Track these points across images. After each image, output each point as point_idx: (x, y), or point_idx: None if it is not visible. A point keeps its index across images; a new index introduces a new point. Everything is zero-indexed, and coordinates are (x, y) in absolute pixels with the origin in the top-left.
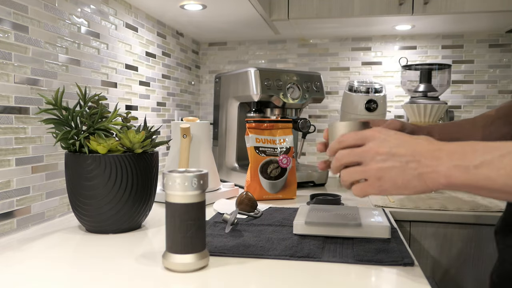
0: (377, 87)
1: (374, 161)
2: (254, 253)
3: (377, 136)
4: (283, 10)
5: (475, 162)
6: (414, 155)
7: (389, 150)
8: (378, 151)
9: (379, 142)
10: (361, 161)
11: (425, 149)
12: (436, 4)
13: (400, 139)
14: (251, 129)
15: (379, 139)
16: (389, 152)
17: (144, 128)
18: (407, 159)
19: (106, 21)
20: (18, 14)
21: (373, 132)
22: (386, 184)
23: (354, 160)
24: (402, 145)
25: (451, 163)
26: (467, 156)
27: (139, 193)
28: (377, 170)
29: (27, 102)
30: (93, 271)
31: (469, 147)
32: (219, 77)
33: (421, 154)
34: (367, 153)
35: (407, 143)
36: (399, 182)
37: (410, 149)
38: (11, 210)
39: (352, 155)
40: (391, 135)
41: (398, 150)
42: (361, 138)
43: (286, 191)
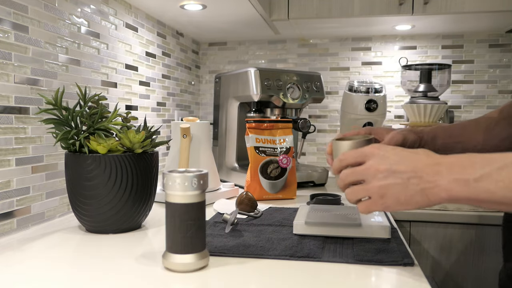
0: (377, 87)
1: (375, 179)
2: (254, 253)
3: (376, 153)
4: (283, 10)
5: (475, 175)
6: (415, 170)
7: (389, 167)
8: (379, 168)
9: (378, 159)
10: (363, 179)
11: (424, 164)
12: (436, 4)
13: (399, 155)
14: (251, 129)
15: (379, 156)
16: (390, 169)
17: (144, 128)
18: (408, 175)
19: (106, 21)
20: (18, 14)
21: (372, 149)
22: (389, 200)
23: (357, 179)
24: (402, 161)
25: (451, 176)
26: (466, 169)
27: (139, 193)
28: (379, 187)
29: (27, 102)
30: (93, 271)
31: (468, 160)
32: (219, 77)
33: (422, 169)
34: (368, 171)
35: (406, 159)
36: (402, 199)
37: (410, 165)
38: (11, 210)
39: (354, 174)
40: (389, 151)
41: (398, 167)
42: (360, 156)
43: (286, 191)
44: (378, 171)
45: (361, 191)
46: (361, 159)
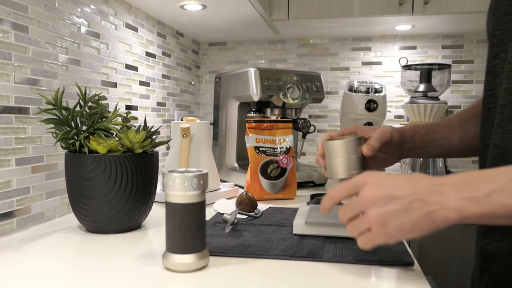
0: (377, 87)
1: (374, 208)
2: (254, 253)
3: (369, 181)
4: (283, 10)
5: (484, 191)
6: (416, 194)
7: (387, 193)
8: (376, 196)
9: (373, 186)
10: (361, 210)
11: (425, 186)
12: (436, 4)
13: (396, 180)
14: (251, 129)
15: (373, 184)
16: (388, 196)
17: (144, 128)
18: (409, 199)
19: (106, 21)
20: (18, 14)
21: (364, 178)
22: (392, 229)
23: (356, 212)
24: (400, 186)
25: (458, 195)
26: (472, 187)
27: (139, 193)
28: (378, 216)
29: (27, 102)
30: (93, 271)
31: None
32: (219, 77)
33: (423, 192)
34: (364, 201)
35: (404, 183)
36: (405, 226)
37: (410, 189)
38: (11, 210)
39: (351, 208)
40: (384, 178)
41: (397, 191)
42: (353, 187)
43: (286, 191)
44: (375, 199)
45: (360, 223)
46: (353, 190)
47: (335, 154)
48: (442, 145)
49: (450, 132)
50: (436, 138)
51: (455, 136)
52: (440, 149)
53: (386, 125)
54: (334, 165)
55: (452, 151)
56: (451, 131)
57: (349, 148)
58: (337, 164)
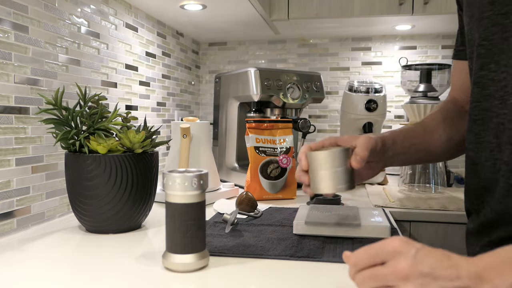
0: (377, 87)
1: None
2: (254, 253)
3: (404, 250)
4: (283, 10)
5: None
6: (461, 277)
7: (429, 272)
8: (415, 271)
9: (411, 259)
10: (390, 285)
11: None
12: (436, 4)
13: (436, 256)
14: (251, 129)
15: (410, 256)
16: (430, 274)
17: (144, 128)
18: (454, 284)
19: (106, 21)
20: (18, 14)
21: (395, 245)
22: None
23: (382, 285)
24: (442, 264)
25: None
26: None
27: (139, 193)
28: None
29: (27, 102)
30: (93, 271)
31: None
32: (219, 77)
33: (467, 276)
34: (397, 275)
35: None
36: None
37: (454, 270)
38: (11, 210)
39: (376, 280)
40: (421, 250)
41: (441, 271)
42: (380, 254)
43: (286, 191)
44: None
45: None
46: (380, 258)
47: (320, 166)
48: (420, 150)
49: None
50: (413, 143)
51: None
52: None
53: (385, 125)
54: (319, 179)
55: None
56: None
57: (336, 159)
58: (322, 178)
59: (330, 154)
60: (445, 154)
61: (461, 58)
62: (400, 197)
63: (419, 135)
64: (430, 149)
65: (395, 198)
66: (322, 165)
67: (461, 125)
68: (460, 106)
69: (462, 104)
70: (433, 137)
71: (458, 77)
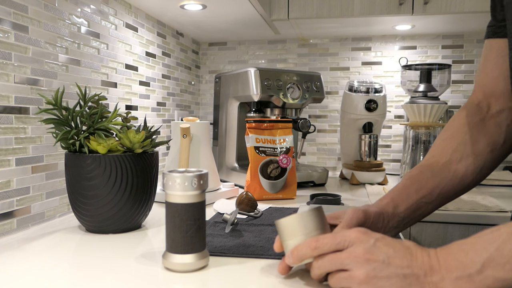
0: (377, 87)
1: (363, 268)
2: (254, 253)
3: (363, 239)
4: (283, 10)
5: (476, 266)
6: (412, 267)
7: (383, 259)
8: (370, 258)
9: (369, 247)
10: (346, 267)
11: (421, 261)
12: (436, 4)
13: (393, 246)
14: (251, 129)
15: (368, 244)
16: (383, 261)
17: (144, 128)
18: (404, 271)
19: (106, 21)
20: (18, 14)
21: (357, 234)
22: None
23: (337, 268)
24: (397, 254)
25: (452, 275)
26: (464, 263)
27: (139, 193)
28: (366, 277)
29: (27, 102)
30: (93, 271)
31: (462, 251)
32: (219, 77)
33: (419, 266)
34: (353, 259)
35: (401, 251)
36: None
37: (407, 260)
38: (11, 210)
39: (333, 263)
40: (380, 240)
41: (394, 260)
42: (342, 242)
43: (286, 191)
44: (368, 261)
45: (344, 280)
46: (342, 245)
47: (290, 235)
48: (434, 199)
49: (437, 181)
50: (423, 195)
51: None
52: (436, 202)
53: (386, 125)
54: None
55: (445, 199)
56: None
57: (308, 223)
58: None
59: (297, 217)
60: (464, 188)
61: (501, 36)
62: None
63: (427, 182)
64: (446, 190)
65: None
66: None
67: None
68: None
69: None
70: (446, 178)
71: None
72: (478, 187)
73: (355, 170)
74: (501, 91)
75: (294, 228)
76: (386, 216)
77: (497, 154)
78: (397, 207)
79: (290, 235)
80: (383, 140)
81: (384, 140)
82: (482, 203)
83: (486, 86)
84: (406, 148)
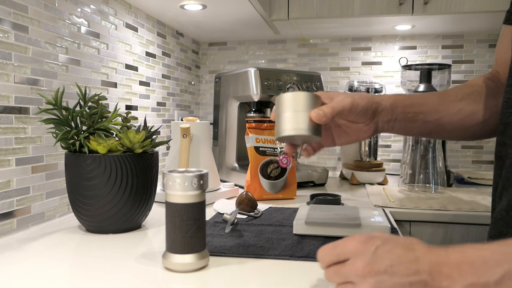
0: (377, 87)
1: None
2: (254, 253)
3: (363, 250)
4: (283, 10)
5: (494, 276)
6: (419, 272)
7: (385, 269)
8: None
9: (369, 258)
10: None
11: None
12: (436, 4)
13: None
14: (251, 129)
15: (368, 254)
16: (386, 272)
17: (144, 128)
18: (410, 279)
19: (106, 21)
20: (18, 14)
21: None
22: None
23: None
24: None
25: (465, 281)
26: (479, 270)
27: (139, 193)
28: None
29: (27, 102)
30: (93, 271)
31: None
32: (219, 77)
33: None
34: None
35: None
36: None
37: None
38: (11, 210)
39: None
40: (380, 247)
41: (397, 268)
42: (341, 254)
43: (286, 191)
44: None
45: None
46: (342, 257)
47: (283, 108)
48: (428, 121)
49: (441, 107)
50: (422, 111)
51: (446, 112)
52: (425, 126)
53: None
54: (281, 121)
55: (439, 130)
56: (443, 106)
57: (299, 102)
58: (283, 120)
59: (294, 95)
60: (460, 132)
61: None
62: (400, 197)
63: (431, 103)
64: (441, 122)
65: (395, 198)
66: (284, 107)
67: (493, 104)
68: (501, 84)
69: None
70: (449, 109)
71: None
72: (478, 187)
73: (355, 170)
74: None
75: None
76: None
77: None
78: (395, 106)
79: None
80: (383, 140)
81: (384, 140)
82: (482, 203)
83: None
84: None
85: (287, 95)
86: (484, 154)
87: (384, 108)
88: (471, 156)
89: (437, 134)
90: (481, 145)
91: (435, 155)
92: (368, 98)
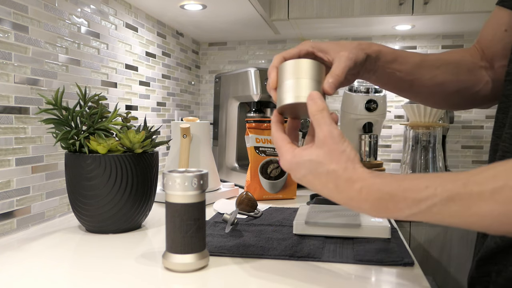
0: (377, 87)
1: None
2: (254, 253)
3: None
4: (283, 10)
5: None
6: None
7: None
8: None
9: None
10: None
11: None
12: (436, 4)
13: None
14: (251, 129)
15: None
16: None
17: (144, 128)
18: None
19: (106, 21)
20: (18, 14)
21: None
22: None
23: None
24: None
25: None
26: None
27: (139, 193)
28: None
29: (27, 102)
30: (93, 271)
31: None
32: (219, 77)
33: None
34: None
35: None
36: None
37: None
38: (11, 210)
39: None
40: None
41: None
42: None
43: (286, 191)
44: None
45: None
46: None
47: (285, 76)
48: (404, 81)
49: (418, 70)
50: (400, 70)
51: (420, 75)
52: (401, 84)
53: (386, 125)
54: (282, 89)
55: (415, 92)
56: (419, 69)
57: (302, 69)
58: (285, 87)
59: (296, 63)
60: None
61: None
62: None
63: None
64: (414, 85)
65: None
66: (287, 74)
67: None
68: (475, 62)
69: (479, 60)
70: (424, 74)
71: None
72: None
73: None
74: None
75: (288, 71)
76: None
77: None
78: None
79: (284, 77)
80: (383, 140)
81: (384, 140)
82: None
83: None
84: (406, 148)
85: (289, 62)
86: (484, 154)
87: (370, 57)
88: (471, 156)
89: (407, 94)
90: (481, 145)
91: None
92: (358, 49)
